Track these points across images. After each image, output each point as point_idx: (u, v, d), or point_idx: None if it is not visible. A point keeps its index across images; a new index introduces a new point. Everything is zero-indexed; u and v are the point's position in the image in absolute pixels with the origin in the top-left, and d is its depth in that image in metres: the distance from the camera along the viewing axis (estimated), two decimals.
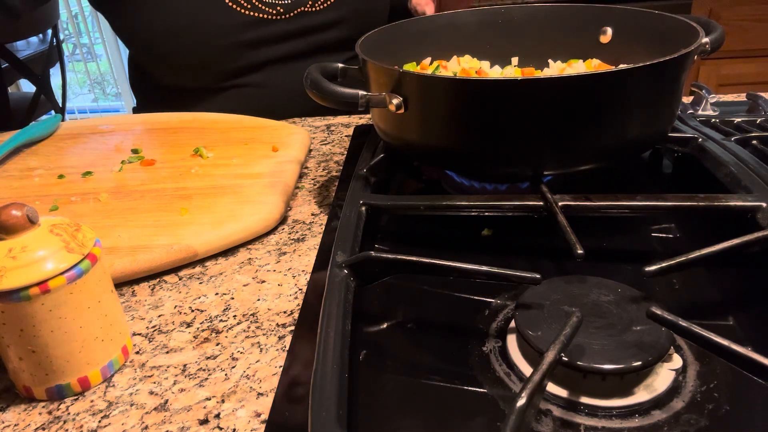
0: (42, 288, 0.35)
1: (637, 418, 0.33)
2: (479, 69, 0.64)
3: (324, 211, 0.59)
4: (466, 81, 0.47)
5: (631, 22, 0.61)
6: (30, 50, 2.08)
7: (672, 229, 0.50)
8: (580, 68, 0.62)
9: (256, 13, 0.85)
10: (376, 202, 0.49)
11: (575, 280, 0.40)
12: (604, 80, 0.44)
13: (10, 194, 0.63)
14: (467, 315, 0.42)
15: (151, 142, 0.74)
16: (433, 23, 0.67)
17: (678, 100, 0.50)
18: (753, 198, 0.44)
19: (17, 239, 0.36)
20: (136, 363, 0.41)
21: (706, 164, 0.52)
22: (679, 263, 0.38)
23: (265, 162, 0.66)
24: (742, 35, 1.90)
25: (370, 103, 0.49)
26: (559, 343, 0.32)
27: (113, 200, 0.60)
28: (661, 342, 0.34)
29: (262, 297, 0.47)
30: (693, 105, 0.67)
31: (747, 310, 0.40)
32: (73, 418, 0.37)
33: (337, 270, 0.41)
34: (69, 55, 3.42)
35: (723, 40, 0.53)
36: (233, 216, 0.55)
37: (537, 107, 0.45)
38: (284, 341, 0.42)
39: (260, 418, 0.36)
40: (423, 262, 0.40)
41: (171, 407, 0.37)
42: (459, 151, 0.49)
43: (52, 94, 2.02)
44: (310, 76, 0.51)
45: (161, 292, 0.49)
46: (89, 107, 3.52)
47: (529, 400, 0.29)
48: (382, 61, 0.51)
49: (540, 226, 0.48)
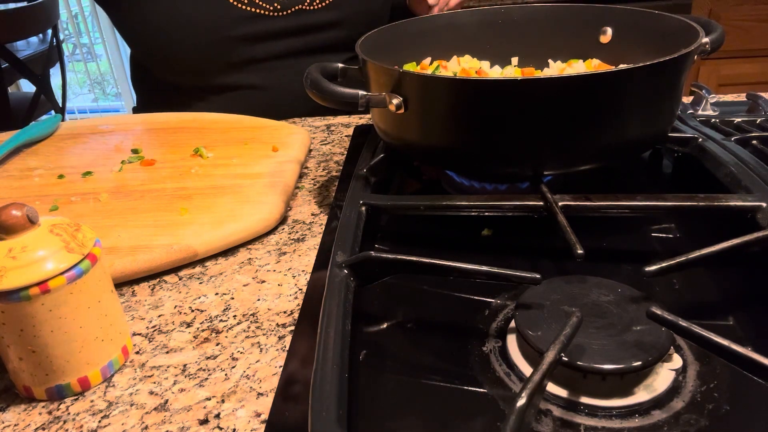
0: (42, 288, 0.35)
1: (637, 418, 0.33)
2: (479, 69, 0.64)
3: (324, 211, 0.59)
4: (466, 81, 0.47)
5: (631, 22, 0.61)
6: (30, 50, 2.09)
7: (672, 229, 0.50)
8: (580, 68, 0.62)
9: (253, 8, 0.85)
10: (376, 202, 0.49)
11: (575, 280, 0.40)
12: (604, 80, 0.44)
13: (10, 194, 0.63)
14: (467, 315, 0.42)
15: (151, 142, 0.74)
16: (433, 23, 0.67)
17: (678, 100, 0.50)
18: (753, 198, 0.44)
19: (17, 239, 0.36)
20: (136, 363, 0.41)
21: (706, 164, 0.52)
22: (679, 263, 0.38)
23: (265, 162, 0.66)
24: (742, 35, 1.90)
25: (370, 103, 0.49)
26: (559, 343, 0.32)
27: (113, 200, 0.60)
28: (661, 342, 0.34)
29: (262, 297, 0.47)
30: (693, 105, 0.67)
31: (747, 310, 0.40)
32: (73, 418, 0.37)
33: (337, 270, 0.41)
34: (69, 55, 3.43)
35: (723, 40, 0.53)
36: (233, 216, 0.55)
37: (537, 107, 0.45)
38: (284, 341, 0.42)
39: (260, 418, 0.36)
40: (423, 262, 0.40)
41: (171, 407, 0.37)
42: (459, 151, 0.49)
43: (52, 94, 2.03)
44: (310, 76, 0.51)
45: (161, 292, 0.49)
46: (89, 107, 3.52)
47: (529, 400, 0.29)
48: (382, 61, 0.51)
49: (540, 226, 0.48)
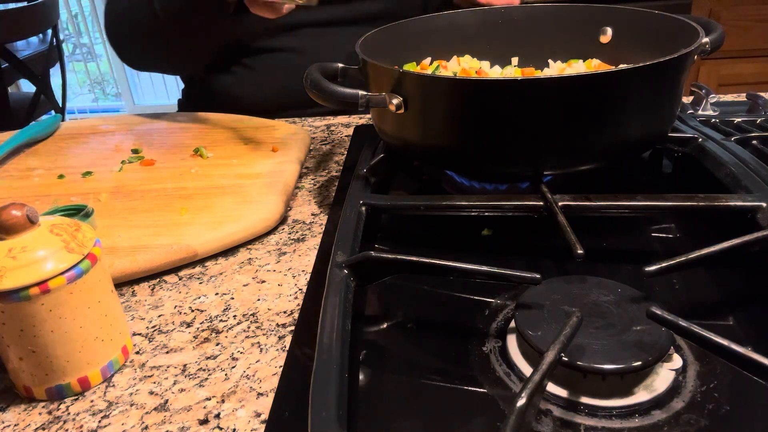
0: (42, 288, 0.35)
1: (637, 418, 0.33)
2: (479, 69, 0.64)
3: (324, 211, 0.59)
4: (466, 81, 0.47)
5: (631, 22, 0.61)
6: (30, 50, 2.08)
7: (672, 229, 0.50)
8: (580, 68, 0.62)
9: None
10: (376, 202, 0.49)
11: (575, 280, 0.40)
12: (604, 80, 0.44)
13: (10, 194, 0.63)
14: (467, 315, 0.42)
15: (151, 142, 0.74)
16: (433, 23, 0.67)
17: (678, 100, 0.50)
18: (753, 198, 0.44)
19: (17, 239, 0.36)
20: (136, 363, 0.41)
21: (706, 164, 0.52)
22: (679, 263, 0.38)
23: (265, 162, 0.66)
24: (742, 35, 1.90)
25: (370, 103, 0.49)
26: (559, 343, 0.32)
27: (113, 200, 0.60)
28: (661, 342, 0.34)
29: (262, 297, 0.47)
30: (693, 105, 0.67)
31: (747, 310, 0.40)
32: (73, 418, 0.37)
33: (337, 270, 0.41)
34: (69, 55, 3.43)
35: (723, 40, 0.53)
36: (233, 216, 0.55)
37: (537, 107, 0.45)
38: (284, 341, 0.42)
39: (260, 418, 0.36)
40: (423, 262, 0.40)
41: (171, 407, 0.37)
42: (459, 151, 0.49)
43: (52, 94, 2.02)
44: (310, 76, 0.51)
45: (161, 292, 0.49)
46: (89, 107, 3.53)
47: (529, 400, 0.29)
48: (382, 61, 0.51)
49: (540, 226, 0.48)
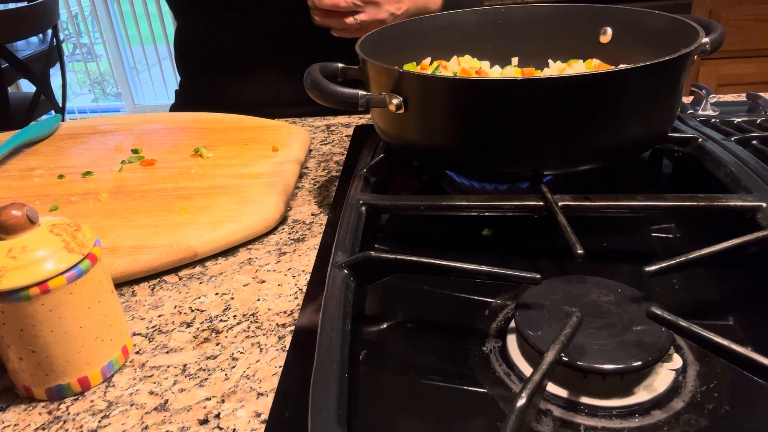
0: (42, 288, 0.35)
1: (637, 418, 0.33)
2: (479, 69, 0.64)
3: (324, 211, 0.59)
4: (466, 81, 0.47)
5: (631, 22, 0.61)
6: (30, 50, 2.08)
7: (672, 229, 0.50)
8: (580, 68, 0.62)
9: None
10: (376, 202, 0.49)
11: (575, 280, 0.40)
12: (604, 80, 0.44)
13: (10, 194, 0.63)
14: (467, 315, 0.42)
15: (151, 142, 0.74)
16: (433, 23, 0.67)
17: (678, 100, 0.50)
18: (753, 198, 0.44)
19: (17, 239, 0.36)
20: (136, 363, 0.41)
21: (706, 164, 0.52)
22: (679, 263, 0.38)
23: (265, 162, 0.66)
24: (742, 35, 1.90)
25: (370, 103, 0.49)
26: (559, 343, 0.32)
27: (113, 200, 0.60)
28: (661, 342, 0.34)
29: (262, 297, 0.47)
30: (693, 105, 0.67)
31: (747, 310, 0.40)
32: (73, 418, 0.37)
33: (337, 270, 0.41)
34: (69, 55, 3.43)
35: (723, 40, 0.53)
36: (233, 216, 0.55)
37: (537, 107, 0.45)
38: (284, 341, 0.42)
39: (260, 418, 0.36)
40: (423, 262, 0.40)
41: (171, 407, 0.37)
42: (459, 151, 0.49)
43: (52, 94, 2.02)
44: (310, 76, 0.51)
45: (161, 292, 0.49)
46: (89, 107, 3.53)
47: (529, 400, 0.29)
48: (382, 61, 0.51)
49: (540, 226, 0.48)
